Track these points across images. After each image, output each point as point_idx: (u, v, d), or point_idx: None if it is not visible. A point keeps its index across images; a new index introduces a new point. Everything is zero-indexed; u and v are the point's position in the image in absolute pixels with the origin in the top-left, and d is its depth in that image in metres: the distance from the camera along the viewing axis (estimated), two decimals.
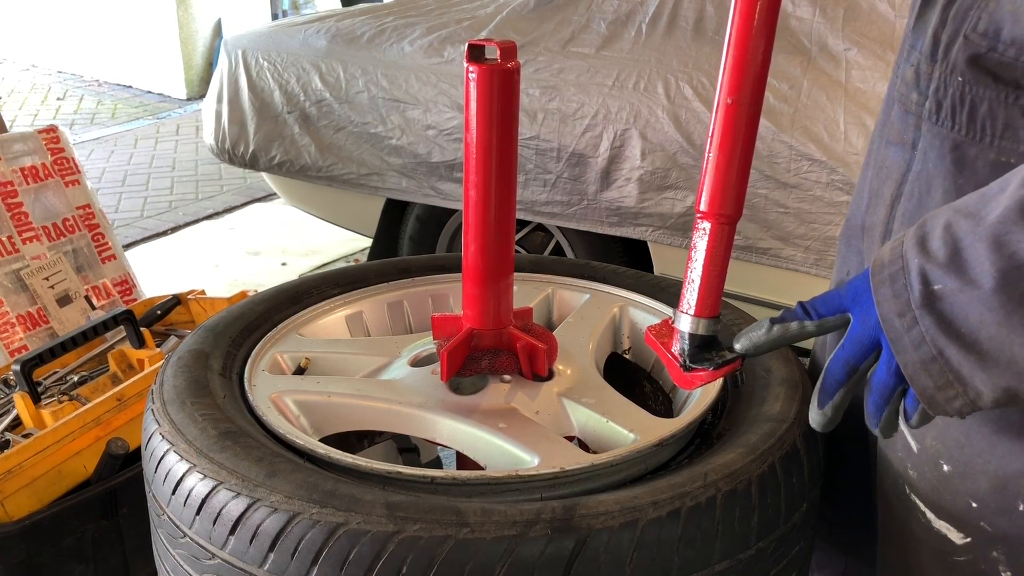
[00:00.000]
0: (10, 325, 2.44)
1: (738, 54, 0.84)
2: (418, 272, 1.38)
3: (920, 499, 0.92)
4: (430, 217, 2.99)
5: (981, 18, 0.77)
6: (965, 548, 0.88)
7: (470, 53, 1.03)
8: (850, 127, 2.19)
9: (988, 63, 0.77)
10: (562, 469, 0.93)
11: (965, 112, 0.81)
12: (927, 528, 0.91)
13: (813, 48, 2.35)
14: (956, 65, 0.81)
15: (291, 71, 3.00)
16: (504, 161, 1.06)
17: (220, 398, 1.06)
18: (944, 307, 0.68)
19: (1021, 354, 0.66)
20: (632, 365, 1.31)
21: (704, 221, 0.87)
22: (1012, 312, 0.66)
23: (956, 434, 0.86)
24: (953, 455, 0.87)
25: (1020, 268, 0.65)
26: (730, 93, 0.85)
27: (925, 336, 0.70)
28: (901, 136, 0.90)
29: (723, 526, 0.88)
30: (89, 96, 6.79)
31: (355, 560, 0.83)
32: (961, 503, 0.87)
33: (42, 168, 2.63)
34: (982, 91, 0.79)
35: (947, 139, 0.83)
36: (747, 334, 0.84)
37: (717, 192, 0.87)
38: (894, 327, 0.71)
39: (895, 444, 0.94)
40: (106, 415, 1.71)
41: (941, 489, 0.89)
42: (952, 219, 0.70)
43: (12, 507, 1.56)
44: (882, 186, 0.94)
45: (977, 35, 0.78)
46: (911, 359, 0.71)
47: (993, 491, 0.85)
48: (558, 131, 2.53)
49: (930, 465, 0.89)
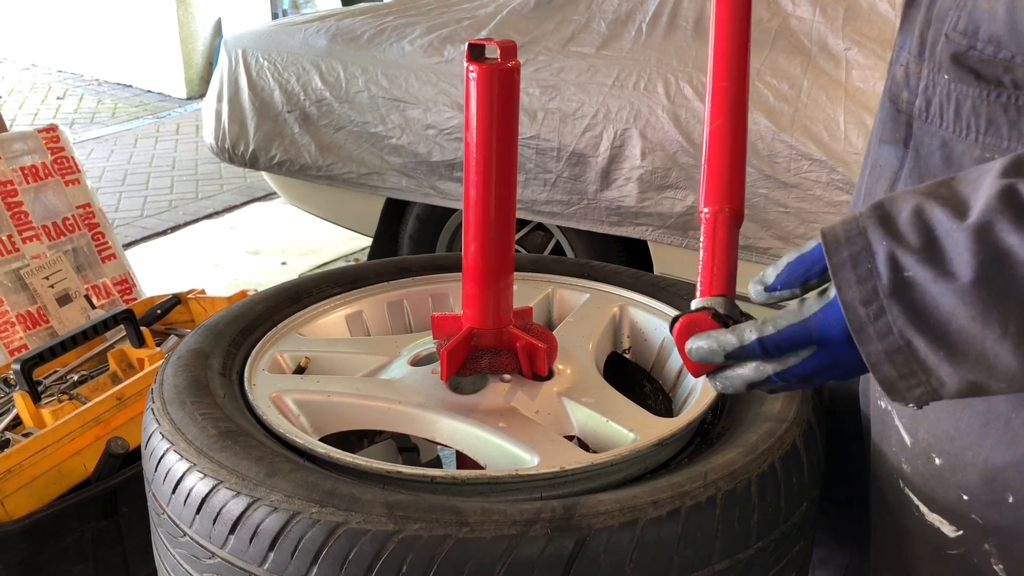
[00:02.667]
0: (10, 324, 2.44)
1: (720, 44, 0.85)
2: (418, 271, 1.38)
3: (914, 493, 0.92)
4: (430, 216, 2.99)
5: (960, 17, 0.78)
6: (958, 541, 0.89)
7: (470, 52, 1.03)
8: (850, 127, 2.19)
9: (969, 61, 0.78)
10: (562, 468, 0.93)
11: (951, 110, 0.81)
12: (920, 522, 0.91)
13: (813, 48, 2.35)
14: (941, 64, 0.81)
15: (291, 70, 3.00)
16: (504, 160, 1.06)
17: (220, 397, 1.06)
18: (915, 296, 0.65)
19: (993, 349, 0.64)
20: (632, 365, 1.31)
21: (705, 208, 0.89)
22: (989, 307, 0.63)
23: (947, 427, 0.87)
24: (944, 448, 0.87)
25: (1001, 262, 0.63)
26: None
27: (892, 326, 0.66)
28: (894, 134, 0.91)
29: (723, 526, 0.88)
30: (89, 95, 6.79)
31: (355, 559, 0.83)
32: (953, 496, 0.87)
33: (42, 167, 2.63)
34: (966, 88, 0.79)
35: (936, 136, 0.84)
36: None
37: (711, 184, 0.89)
38: (858, 316, 0.67)
39: (890, 439, 0.94)
40: (106, 414, 1.71)
41: (934, 483, 0.89)
42: (922, 204, 0.67)
43: (12, 506, 1.56)
44: (875, 184, 0.94)
45: (957, 34, 0.78)
46: (875, 349, 0.67)
47: (983, 483, 0.85)
48: (558, 130, 2.53)
49: (923, 459, 0.90)
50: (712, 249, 0.86)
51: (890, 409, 0.93)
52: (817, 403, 1.08)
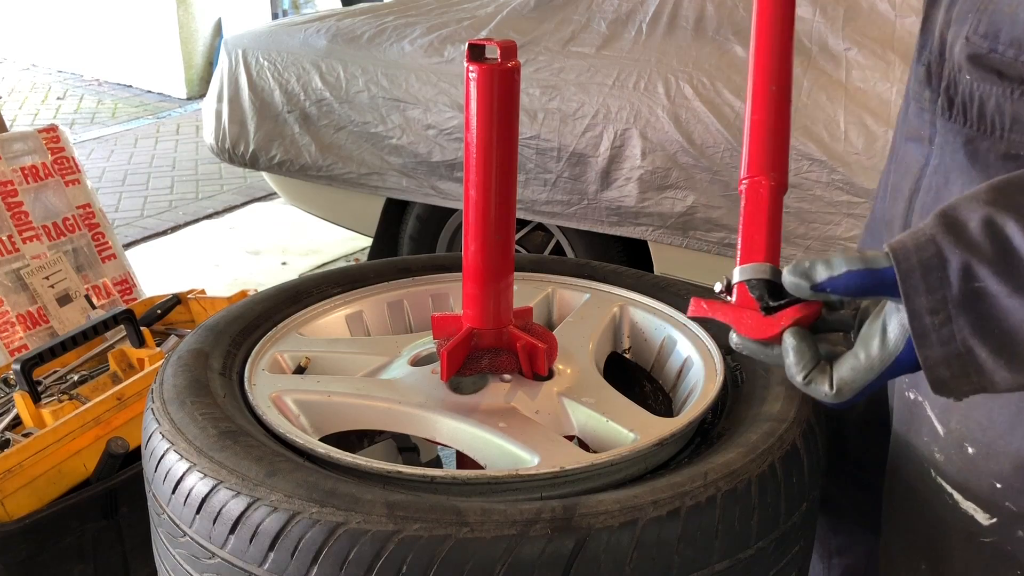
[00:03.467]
0: (10, 324, 2.44)
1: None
2: (418, 271, 1.38)
3: (946, 481, 0.92)
4: (430, 216, 2.99)
5: (981, 21, 0.78)
6: (991, 528, 0.89)
7: (470, 52, 1.03)
8: (850, 127, 2.19)
9: (991, 63, 0.78)
10: (562, 468, 0.93)
11: (975, 108, 0.82)
12: (954, 509, 0.92)
13: (813, 48, 2.35)
14: (961, 65, 0.82)
15: (291, 70, 3.00)
16: (504, 161, 1.06)
17: (220, 397, 1.06)
18: (984, 308, 0.65)
19: None
20: (632, 365, 1.31)
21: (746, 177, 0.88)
22: None
23: (979, 417, 0.88)
24: (977, 437, 0.88)
25: None
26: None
27: (956, 335, 0.67)
28: (918, 132, 0.91)
29: (723, 525, 0.88)
30: (89, 95, 6.79)
31: (355, 559, 0.83)
32: (986, 484, 0.88)
33: (42, 167, 2.63)
34: (988, 88, 0.80)
35: (960, 134, 0.84)
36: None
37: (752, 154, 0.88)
38: (922, 323, 0.68)
39: (920, 429, 0.95)
40: (106, 414, 1.71)
41: (967, 471, 0.90)
42: (993, 215, 0.66)
43: (12, 506, 1.56)
44: (901, 181, 0.95)
45: (978, 37, 0.79)
46: (934, 353, 0.68)
47: (1016, 471, 0.85)
48: (558, 131, 2.53)
49: (956, 448, 0.90)
50: (755, 215, 0.84)
51: (921, 400, 0.94)
52: (817, 403, 1.08)
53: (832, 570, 1.29)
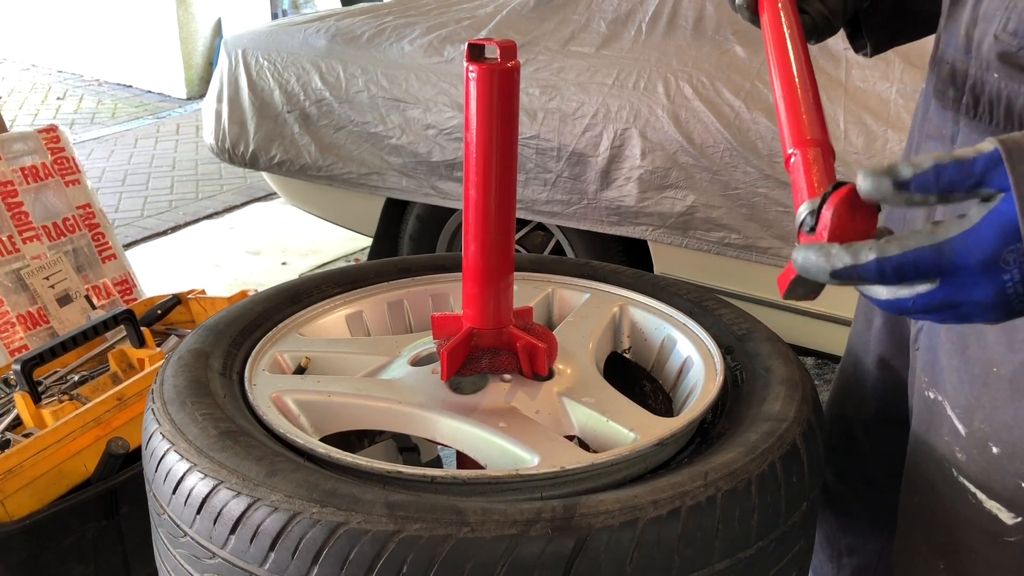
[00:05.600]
0: (10, 324, 2.44)
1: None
2: (418, 271, 1.39)
3: (969, 481, 0.92)
4: (430, 216, 2.99)
5: (1010, 19, 0.78)
6: (1016, 528, 0.89)
7: (470, 52, 1.03)
8: (850, 126, 2.19)
9: (1020, 60, 0.77)
10: (562, 468, 0.93)
11: (1002, 107, 0.81)
12: (977, 509, 0.92)
13: (813, 48, 2.35)
14: (989, 63, 0.81)
15: (291, 70, 3.00)
16: (504, 160, 1.06)
17: (220, 397, 1.07)
18: None
19: None
20: (632, 365, 1.31)
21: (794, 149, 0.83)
22: None
23: (1005, 417, 0.87)
24: (1002, 437, 0.88)
25: None
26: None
27: None
28: (940, 131, 0.91)
29: (723, 525, 0.88)
30: (89, 96, 6.79)
31: (355, 559, 0.83)
32: (1011, 484, 0.88)
33: (42, 168, 2.63)
34: (1017, 86, 0.79)
35: (985, 133, 0.84)
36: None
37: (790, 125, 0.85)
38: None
39: (940, 428, 0.94)
40: (106, 414, 1.71)
41: (991, 470, 0.90)
42: None
43: (13, 506, 1.57)
44: None
45: (1007, 35, 0.78)
46: None
47: None
48: (558, 130, 2.53)
49: (979, 448, 0.90)
50: (812, 170, 0.78)
51: (941, 400, 0.94)
52: (817, 403, 1.08)
53: (842, 570, 1.28)
